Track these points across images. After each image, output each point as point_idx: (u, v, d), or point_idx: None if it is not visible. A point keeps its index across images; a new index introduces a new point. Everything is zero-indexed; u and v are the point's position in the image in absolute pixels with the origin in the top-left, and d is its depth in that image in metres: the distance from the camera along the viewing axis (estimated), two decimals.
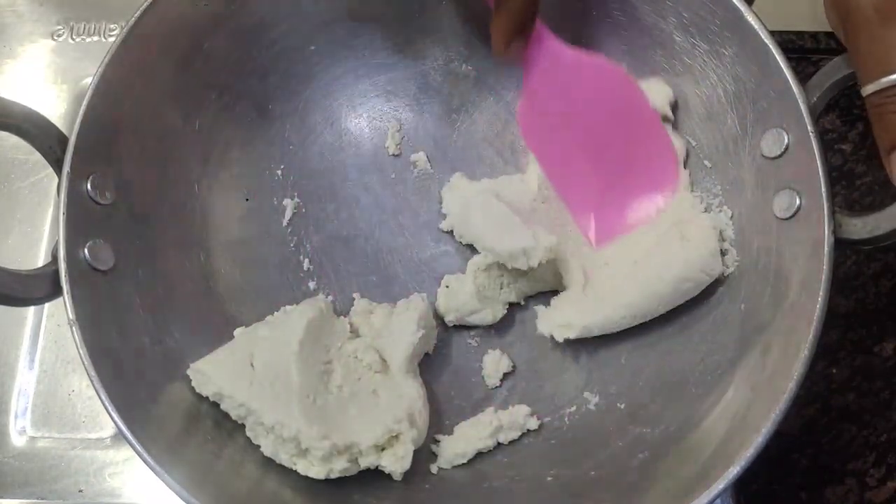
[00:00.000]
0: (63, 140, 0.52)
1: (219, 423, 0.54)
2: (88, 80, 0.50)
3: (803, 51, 0.73)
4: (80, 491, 0.62)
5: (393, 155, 0.66)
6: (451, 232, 0.64)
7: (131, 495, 0.62)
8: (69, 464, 0.63)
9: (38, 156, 0.52)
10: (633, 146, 0.59)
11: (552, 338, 0.57)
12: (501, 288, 0.61)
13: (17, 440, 0.64)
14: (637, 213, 0.60)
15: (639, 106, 0.58)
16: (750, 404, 0.47)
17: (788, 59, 0.50)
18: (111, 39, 0.74)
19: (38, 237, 0.69)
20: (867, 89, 0.44)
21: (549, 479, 0.55)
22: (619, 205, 0.60)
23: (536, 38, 0.55)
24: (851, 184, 0.71)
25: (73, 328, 0.48)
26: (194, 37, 0.58)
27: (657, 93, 0.58)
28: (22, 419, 0.64)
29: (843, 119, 0.72)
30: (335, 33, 0.64)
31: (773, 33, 0.51)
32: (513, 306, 0.62)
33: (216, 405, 0.54)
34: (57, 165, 0.52)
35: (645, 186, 0.60)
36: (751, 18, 0.51)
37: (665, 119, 0.58)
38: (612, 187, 0.60)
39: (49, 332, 0.66)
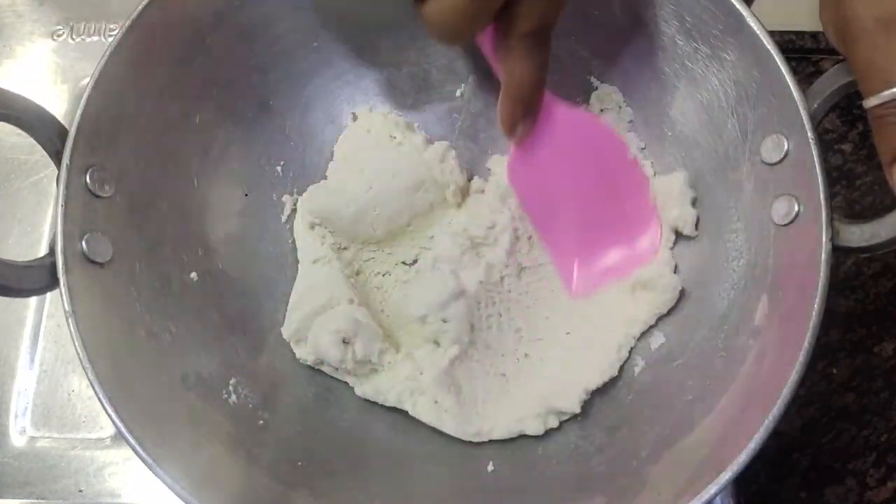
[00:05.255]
0: (63, 132, 0.52)
1: (216, 419, 0.54)
2: (88, 80, 0.50)
3: (803, 51, 0.73)
4: (80, 491, 0.62)
5: None
6: None
7: (131, 495, 0.62)
8: (69, 464, 0.63)
9: (38, 156, 0.52)
10: (618, 206, 0.60)
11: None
12: None
13: (17, 440, 0.64)
14: (613, 270, 0.61)
15: (627, 167, 0.59)
16: (744, 410, 0.47)
17: (788, 59, 0.50)
18: (111, 39, 0.74)
19: (38, 237, 0.69)
20: (869, 101, 0.43)
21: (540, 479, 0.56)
22: (599, 260, 0.61)
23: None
24: (851, 184, 0.71)
25: (69, 320, 0.48)
26: (196, 32, 0.58)
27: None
28: (22, 419, 0.64)
29: (843, 119, 0.72)
30: (338, 30, 0.63)
31: (772, 33, 0.51)
32: None
33: (213, 400, 0.54)
34: (56, 158, 0.51)
35: (625, 246, 0.61)
36: (753, 23, 0.51)
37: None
38: (594, 242, 0.61)
39: (49, 332, 0.67)
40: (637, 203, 0.60)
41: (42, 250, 0.68)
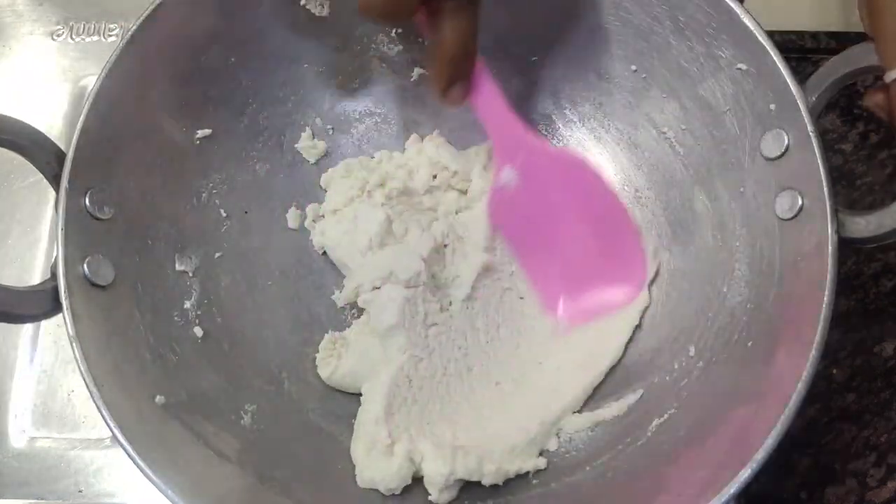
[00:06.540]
0: (60, 155, 0.51)
1: (226, 439, 0.53)
2: (88, 80, 0.49)
3: (803, 51, 0.73)
4: (80, 491, 0.62)
5: None
6: None
7: (131, 496, 0.62)
8: (69, 464, 0.63)
9: None
10: (603, 247, 0.60)
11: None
12: None
13: (17, 440, 0.64)
14: (599, 304, 0.61)
15: (613, 211, 0.59)
16: (758, 407, 0.47)
17: (788, 59, 0.50)
18: (111, 39, 0.74)
19: (37, 237, 0.69)
20: (890, 75, 0.44)
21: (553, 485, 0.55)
22: (584, 297, 0.61)
23: (499, 114, 0.56)
24: (852, 184, 0.71)
25: (74, 345, 0.48)
26: (191, 51, 0.57)
27: None
28: (22, 419, 0.64)
29: (843, 119, 0.72)
30: (324, 52, 0.63)
31: (773, 33, 0.51)
32: None
33: (222, 421, 0.54)
34: (55, 181, 0.51)
35: (609, 284, 0.61)
36: (747, 20, 0.51)
37: None
38: (578, 280, 0.61)
39: (49, 332, 0.66)
40: (623, 244, 0.60)
41: (41, 250, 0.69)
